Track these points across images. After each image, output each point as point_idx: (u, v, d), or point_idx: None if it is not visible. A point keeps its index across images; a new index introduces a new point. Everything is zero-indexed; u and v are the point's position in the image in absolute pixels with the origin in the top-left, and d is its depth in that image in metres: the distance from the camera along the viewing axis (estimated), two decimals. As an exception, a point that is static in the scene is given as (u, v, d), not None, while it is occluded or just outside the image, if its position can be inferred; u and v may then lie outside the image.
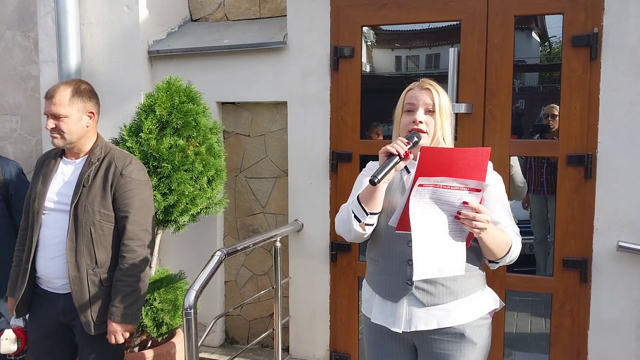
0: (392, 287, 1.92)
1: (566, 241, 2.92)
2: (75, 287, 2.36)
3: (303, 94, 3.42)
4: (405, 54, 6.52)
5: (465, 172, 1.68)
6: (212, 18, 4.01)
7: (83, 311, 2.37)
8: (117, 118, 3.67)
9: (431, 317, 1.87)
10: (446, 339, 1.88)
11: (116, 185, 2.40)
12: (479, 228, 1.69)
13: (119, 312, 2.37)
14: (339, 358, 3.48)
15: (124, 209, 2.41)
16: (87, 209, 2.36)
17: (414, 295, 1.88)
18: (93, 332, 2.39)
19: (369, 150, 3.32)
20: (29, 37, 4.20)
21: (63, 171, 2.47)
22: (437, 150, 1.74)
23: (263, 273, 3.75)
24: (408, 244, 1.85)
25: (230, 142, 3.74)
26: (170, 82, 3.11)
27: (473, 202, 1.69)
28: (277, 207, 3.67)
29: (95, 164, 2.42)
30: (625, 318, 2.83)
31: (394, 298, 1.91)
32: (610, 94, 2.78)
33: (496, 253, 1.82)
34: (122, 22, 3.69)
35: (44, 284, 2.45)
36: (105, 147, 2.50)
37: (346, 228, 1.92)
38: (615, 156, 2.79)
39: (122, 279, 2.38)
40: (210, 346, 3.80)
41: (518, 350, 4.03)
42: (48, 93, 2.38)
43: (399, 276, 1.90)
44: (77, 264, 2.36)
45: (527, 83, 8.26)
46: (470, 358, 1.90)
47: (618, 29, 2.75)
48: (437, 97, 1.91)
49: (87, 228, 2.36)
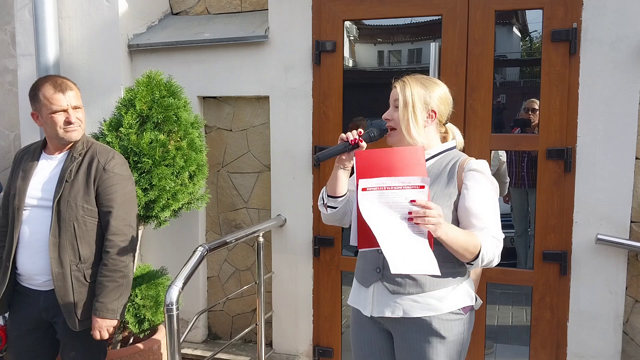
0: (365, 273, 2.01)
1: (546, 234, 2.95)
2: (59, 284, 2.33)
3: (285, 88, 3.41)
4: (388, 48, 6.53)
5: (405, 170, 1.69)
6: (193, 12, 3.98)
7: (67, 307, 2.35)
8: (96, 113, 3.62)
9: (397, 305, 1.91)
10: (415, 329, 1.92)
11: (99, 180, 2.38)
12: (433, 224, 1.66)
13: (104, 307, 2.35)
14: (322, 352, 3.49)
15: (107, 204, 2.39)
16: (70, 204, 2.33)
17: (382, 283, 1.94)
18: (77, 328, 2.37)
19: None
20: (6, 31, 4.12)
21: (44, 166, 2.44)
22: (372, 152, 1.76)
23: (246, 268, 3.74)
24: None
25: (212, 137, 3.72)
26: (150, 76, 3.08)
27: (420, 199, 1.68)
28: (260, 202, 3.66)
29: (77, 159, 2.39)
30: (604, 310, 2.88)
31: (366, 283, 2.00)
32: (589, 89, 2.81)
33: (461, 254, 1.78)
34: (101, 15, 3.63)
35: (25, 280, 2.42)
36: (87, 142, 2.47)
37: (320, 208, 2.10)
38: (594, 150, 2.83)
39: (107, 275, 2.36)
40: (193, 342, 3.79)
41: (499, 342, 4.07)
42: (60, 86, 2.35)
43: (371, 263, 1.98)
44: (60, 259, 2.33)
45: (508, 78, 8.34)
46: (440, 351, 1.90)
47: (596, 24, 2.78)
48: (400, 93, 1.93)
49: (70, 223, 2.34)
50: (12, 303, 2.47)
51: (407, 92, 1.91)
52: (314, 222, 3.42)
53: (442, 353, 1.91)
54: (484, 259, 1.81)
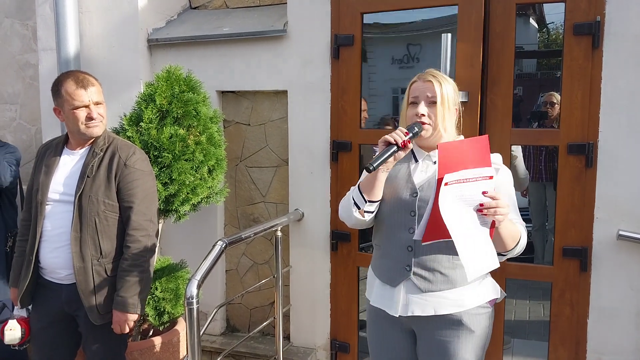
0: (392, 272, 1.97)
1: (566, 230, 2.93)
2: (80, 278, 2.37)
3: (304, 82, 3.40)
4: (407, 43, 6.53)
5: (477, 161, 1.69)
6: (212, 6, 3.98)
7: (88, 301, 2.38)
8: (116, 107, 3.65)
9: (428, 303, 1.91)
10: (444, 326, 1.92)
11: (120, 176, 2.41)
12: (502, 214, 1.69)
13: (125, 301, 2.38)
14: (340, 346, 3.50)
15: (128, 199, 2.42)
16: (91, 199, 2.36)
17: (412, 281, 1.92)
18: (98, 322, 2.41)
19: (368, 139, 3.32)
20: (28, 26, 4.17)
21: (65, 162, 2.47)
22: (452, 144, 1.73)
23: (264, 262, 3.76)
24: (409, 231, 1.92)
25: (231, 131, 3.73)
26: (170, 71, 3.09)
27: (491, 191, 1.70)
28: (278, 196, 3.67)
29: (99, 155, 2.42)
30: (624, 306, 2.85)
31: (393, 283, 1.97)
32: (611, 83, 2.77)
33: (508, 244, 1.82)
34: (121, 10, 3.66)
35: (48, 274, 2.46)
36: (108, 137, 2.50)
37: (347, 214, 2.00)
38: (616, 145, 2.79)
39: (128, 269, 2.39)
40: (211, 334, 3.82)
41: (517, 337, 4.06)
42: (82, 82, 2.37)
43: (398, 261, 1.95)
44: (81, 254, 2.37)
45: (525, 70, 8.24)
46: (468, 346, 1.92)
47: (620, 17, 2.73)
48: (438, 89, 1.92)
49: (91, 218, 2.37)
50: (35, 296, 2.51)
51: (443, 89, 1.93)
52: (332, 216, 3.42)
53: (470, 348, 1.92)
54: (519, 248, 1.87)
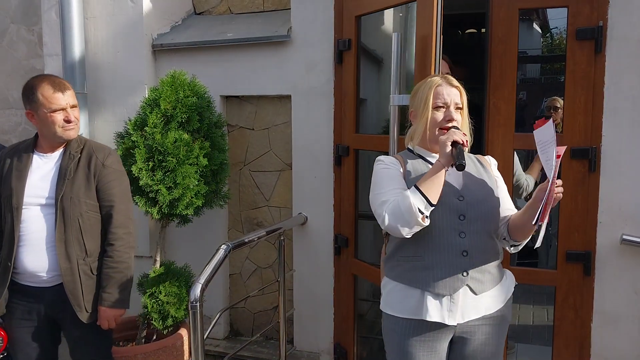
0: (447, 281, 1.88)
1: (570, 234, 2.92)
2: (67, 278, 2.39)
3: (307, 87, 3.42)
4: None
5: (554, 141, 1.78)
6: (216, 11, 4.01)
7: (76, 301, 2.41)
8: (121, 112, 3.68)
9: (480, 305, 1.92)
10: (489, 323, 1.95)
11: (99, 176, 2.46)
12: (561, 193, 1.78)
13: (111, 297, 2.43)
14: (343, 351, 3.50)
15: (108, 199, 2.47)
16: (73, 200, 2.39)
17: (469, 285, 1.89)
18: (86, 321, 2.43)
19: (362, 144, 3.31)
20: (33, 31, 4.20)
21: (39, 165, 2.47)
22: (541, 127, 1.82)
23: (267, 266, 3.77)
24: (460, 235, 1.88)
25: (234, 136, 3.75)
26: (174, 76, 3.12)
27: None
28: (281, 200, 3.68)
29: (75, 157, 2.45)
30: (628, 311, 2.85)
31: (451, 291, 1.88)
32: (614, 87, 2.78)
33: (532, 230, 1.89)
34: (126, 16, 3.68)
35: (26, 279, 2.44)
36: (81, 139, 2.53)
37: (405, 221, 1.78)
38: (619, 149, 2.79)
39: (112, 266, 2.44)
40: (215, 338, 3.83)
41: (521, 342, 4.04)
42: (59, 86, 2.40)
43: (453, 268, 1.88)
44: (67, 255, 2.39)
45: (528, 74, 8.23)
46: (503, 337, 2.00)
47: (623, 21, 2.74)
48: (463, 95, 1.97)
49: (75, 219, 2.40)
50: (11, 302, 2.48)
51: (464, 96, 1.97)
52: (335, 220, 3.43)
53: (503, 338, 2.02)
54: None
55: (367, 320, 4.17)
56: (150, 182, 2.95)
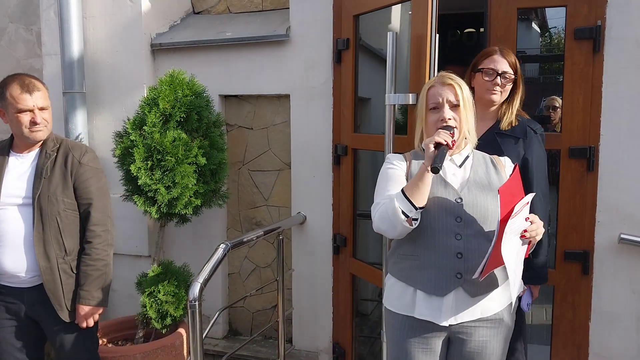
0: (440, 281, 1.89)
1: (568, 233, 2.93)
2: (47, 277, 2.39)
3: (306, 86, 3.42)
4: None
5: (519, 192, 1.77)
6: (215, 11, 4.01)
7: (57, 300, 2.41)
8: (120, 111, 3.68)
9: (476, 307, 1.91)
10: (486, 326, 1.94)
11: (76, 174, 2.46)
12: (541, 234, 1.82)
13: (90, 295, 2.43)
14: (341, 350, 3.50)
15: (86, 197, 2.47)
16: (50, 199, 2.39)
17: (462, 288, 1.89)
18: (68, 320, 2.43)
19: (360, 144, 3.31)
20: (32, 31, 4.20)
21: (15, 165, 2.46)
22: (508, 186, 1.77)
23: (266, 265, 3.77)
24: (456, 237, 1.88)
25: (233, 135, 3.75)
26: (173, 75, 3.12)
27: (532, 216, 1.80)
28: (280, 200, 3.68)
29: (51, 156, 2.45)
30: (626, 310, 2.85)
31: (442, 292, 1.89)
32: (613, 87, 2.78)
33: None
34: (124, 15, 3.68)
35: (5, 279, 2.43)
36: (57, 139, 2.53)
37: (390, 224, 1.83)
38: (617, 149, 2.80)
39: (91, 264, 2.44)
40: (214, 338, 3.83)
41: (519, 341, 4.04)
42: (28, 87, 2.37)
43: (447, 270, 1.89)
44: (46, 254, 2.39)
45: (527, 74, 8.23)
46: (502, 341, 1.98)
47: (621, 21, 2.74)
48: (460, 92, 1.93)
49: (53, 218, 2.39)
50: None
51: (464, 92, 1.95)
52: (334, 219, 3.43)
53: (504, 343, 2.00)
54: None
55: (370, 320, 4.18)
56: (149, 182, 2.95)
